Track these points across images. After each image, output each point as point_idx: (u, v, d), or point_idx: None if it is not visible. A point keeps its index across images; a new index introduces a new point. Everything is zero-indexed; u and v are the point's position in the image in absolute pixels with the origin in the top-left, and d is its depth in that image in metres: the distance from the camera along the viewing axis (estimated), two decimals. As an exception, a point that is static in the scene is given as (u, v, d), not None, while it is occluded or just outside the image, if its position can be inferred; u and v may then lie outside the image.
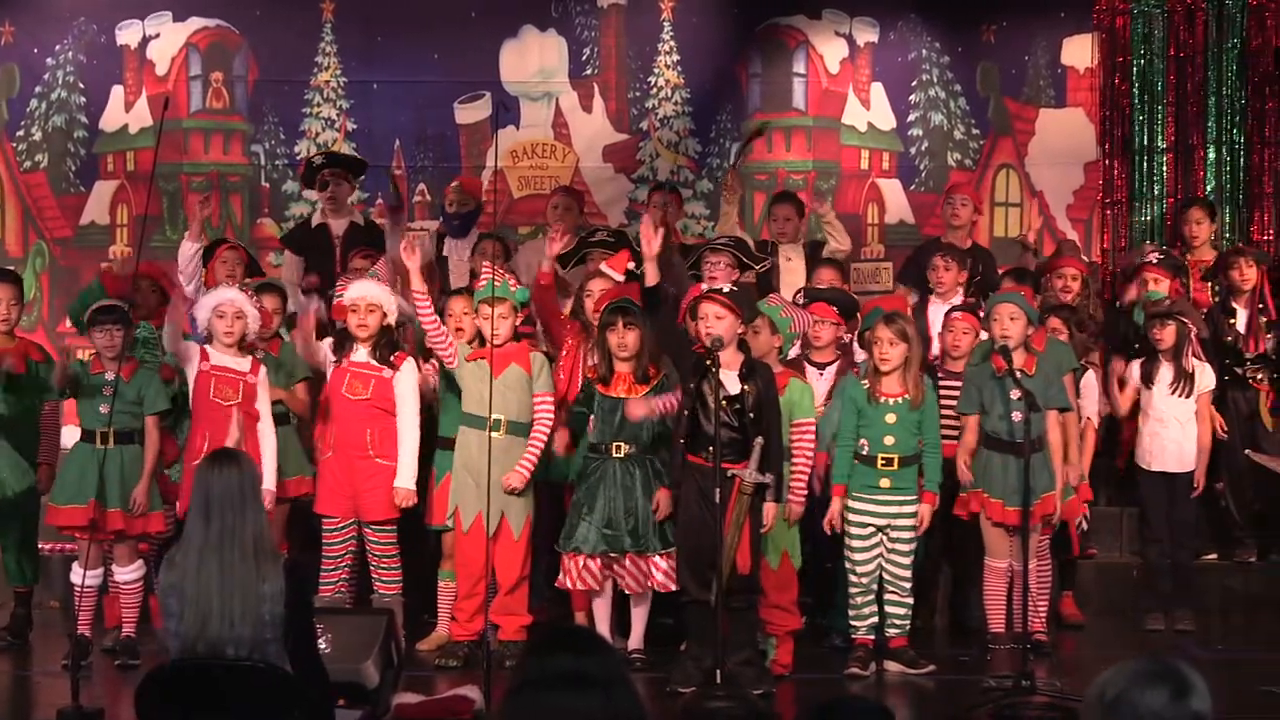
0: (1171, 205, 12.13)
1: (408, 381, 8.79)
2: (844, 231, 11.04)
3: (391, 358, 8.78)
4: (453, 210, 10.86)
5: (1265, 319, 10.46)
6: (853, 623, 8.62)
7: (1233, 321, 10.46)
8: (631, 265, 9.18)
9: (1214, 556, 10.57)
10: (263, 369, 8.86)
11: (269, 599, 5.15)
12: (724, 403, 7.96)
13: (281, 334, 9.72)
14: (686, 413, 8.13)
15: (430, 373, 8.98)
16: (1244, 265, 10.48)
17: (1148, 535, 9.98)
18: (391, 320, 8.86)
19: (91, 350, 8.91)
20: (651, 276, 8.52)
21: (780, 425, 8.22)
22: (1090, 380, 9.69)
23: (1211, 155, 12.19)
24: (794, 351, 9.19)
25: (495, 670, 7.47)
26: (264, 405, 8.82)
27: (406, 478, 8.74)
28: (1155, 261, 10.49)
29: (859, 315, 9.42)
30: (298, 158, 12.04)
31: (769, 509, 8.12)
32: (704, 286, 8.50)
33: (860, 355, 9.25)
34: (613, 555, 8.43)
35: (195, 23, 12.26)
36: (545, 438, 8.70)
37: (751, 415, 8.06)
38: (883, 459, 8.52)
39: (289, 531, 9.16)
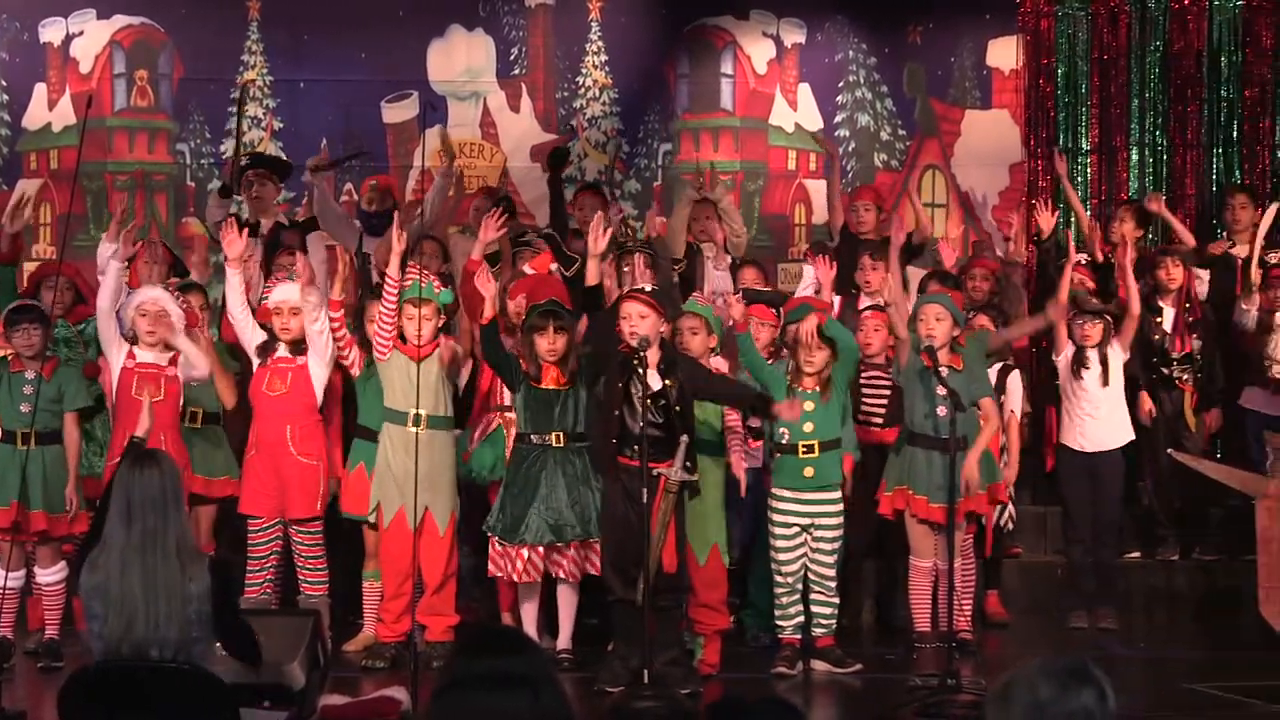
0: (1095, 206, 12.23)
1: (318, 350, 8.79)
2: (740, 220, 11.00)
3: (304, 346, 8.76)
4: (371, 209, 10.84)
5: (1191, 319, 10.55)
6: (779, 622, 8.64)
7: (1159, 320, 10.55)
8: (555, 266, 9.20)
9: (1137, 555, 10.66)
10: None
11: (195, 599, 5.13)
12: (648, 401, 7.97)
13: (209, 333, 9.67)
14: (617, 413, 8.13)
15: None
16: (1171, 265, 10.56)
17: (1070, 534, 10.05)
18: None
19: (11, 350, 8.81)
20: (593, 275, 8.50)
21: (725, 380, 8.40)
22: (1015, 379, 9.76)
23: (1134, 157, 12.30)
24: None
25: (422, 671, 7.45)
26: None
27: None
28: (1084, 263, 10.58)
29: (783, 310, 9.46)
30: (224, 156, 11.97)
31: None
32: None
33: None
34: (557, 545, 8.41)
35: (120, 20, 12.16)
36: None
37: (677, 409, 8.07)
38: (804, 446, 8.54)
39: (217, 532, 9.12)
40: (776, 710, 3.79)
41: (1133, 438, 9.98)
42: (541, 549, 8.39)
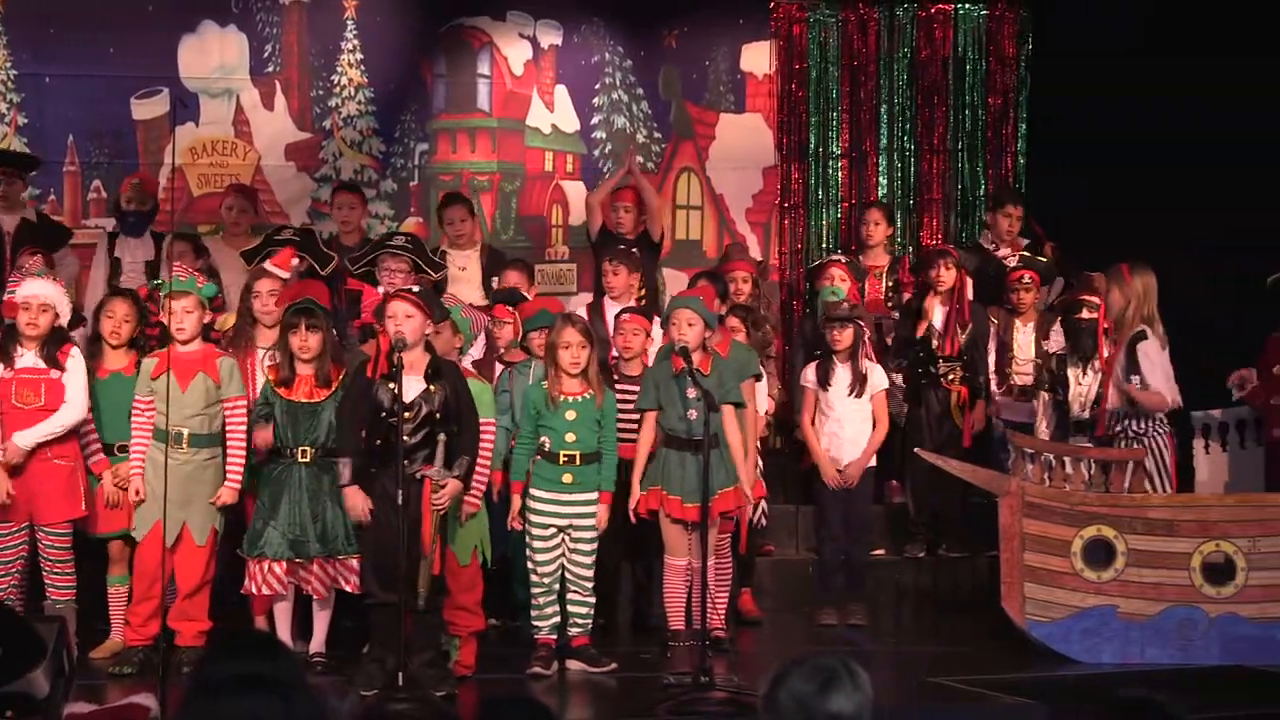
0: (846, 210, 12.46)
1: (76, 373, 8.57)
2: None
3: (57, 355, 8.56)
4: (130, 208, 10.68)
5: (959, 321, 10.77)
6: (535, 622, 8.66)
7: (926, 321, 10.77)
8: (296, 262, 9.15)
9: (883, 552, 10.87)
10: None
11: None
12: (409, 405, 7.92)
13: None
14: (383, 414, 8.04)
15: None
16: (943, 267, 10.78)
17: (823, 533, 10.19)
18: (64, 320, 8.66)
19: None
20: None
21: (475, 418, 8.20)
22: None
23: (883, 162, 12.56)
24: (476, 352, 9.24)
25: (172, 676, 7.34)
26: None
27: (29, 440, 8.48)
28: (845, 261, 10.75)
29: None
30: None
31: (450, 488, 7.92)
32: (381, 289, 8.50)
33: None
34: (299, 560, 8.36)
35: None
36: (244, 444, 8.54)
37: (439, 415, 8.01)
38: (564, 455, 8.58)
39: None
40: (528, 710, 3.82)
41: (873, 465, 10.12)
42: (283, 563, 8.35)
